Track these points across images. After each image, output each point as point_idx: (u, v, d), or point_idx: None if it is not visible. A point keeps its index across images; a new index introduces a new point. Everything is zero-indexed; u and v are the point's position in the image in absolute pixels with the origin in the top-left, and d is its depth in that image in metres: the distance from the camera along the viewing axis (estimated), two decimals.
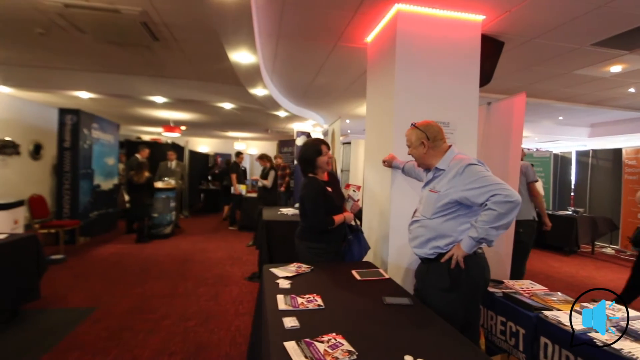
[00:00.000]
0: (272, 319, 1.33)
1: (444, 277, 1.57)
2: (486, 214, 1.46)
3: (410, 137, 1.77)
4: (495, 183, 1.47)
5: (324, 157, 2.20)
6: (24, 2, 2.92)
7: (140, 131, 11.82)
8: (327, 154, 2.21)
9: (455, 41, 2.45)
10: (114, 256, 4.68)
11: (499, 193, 1.44)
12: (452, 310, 1.53)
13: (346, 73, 4.57)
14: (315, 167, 2.21)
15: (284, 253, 3.40)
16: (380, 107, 2.67)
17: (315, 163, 2.20)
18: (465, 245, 1.52)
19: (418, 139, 1.72)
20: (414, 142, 1.74)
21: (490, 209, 1.44)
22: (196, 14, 3.03)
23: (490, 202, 1.45)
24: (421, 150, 1.72)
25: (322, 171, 2.25)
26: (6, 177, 6.07)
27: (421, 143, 1.71)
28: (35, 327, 2.62)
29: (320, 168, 2.22)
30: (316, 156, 2.19)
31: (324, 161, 2.20)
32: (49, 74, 5.12)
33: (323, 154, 2.20)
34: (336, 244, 2.22)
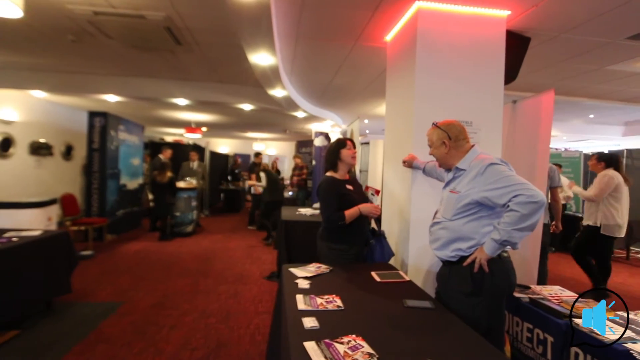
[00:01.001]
0: (292, 318, 1.34)
1: (466, 281, 1.52)
2: (509, 215, 1.41)
3: (431, 136, 1.73)
4: (519, 183, 1.41)
5: (348, 150, 2.19)
6: (57, 11, 3.08)
7: (163, 132, 12.20)
8: (351, 148, 2.20)
9: (479, 38, 2.38)
10: (138, 253, 4.85)
11: (522, 193, 1.38)
12: (475, 315, 1.48)
13: (365, 73, 4.54)
14: (339, 158, 2.20)
15: (303, 253, 3.42)
16: (400, 107, 2.64)
17: (339, 155, 2.19)
18: (488, 248, 1.47)
19: (439, 139, 1.68)
20: (435, 141, 1.70)
21: (513, 210, 1.39)
22: (217, 17, 3.09)
23: (513, 202, 1.40)
24: (442, 150, 1.68)
25: (345, 166, 2.23)
26: (41, 177, 6.41)
27: (442, 143, 1.67)
28: (66, 319, 2.76)
29: (343, 162, 2.20)
30: (340, 148, 2.20)
31: (348, 154, 2.19)
32: (79, 78, 5.37)
33: (347, 147, 2.20)
34: (358, 246, 2.19)
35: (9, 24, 3.33)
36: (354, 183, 2.31)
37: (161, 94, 5.60)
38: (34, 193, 5.97)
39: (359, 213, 2.09)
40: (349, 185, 2.21)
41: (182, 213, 6.04)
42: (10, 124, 5.69)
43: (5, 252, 2.38)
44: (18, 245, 2.50)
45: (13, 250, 2.45)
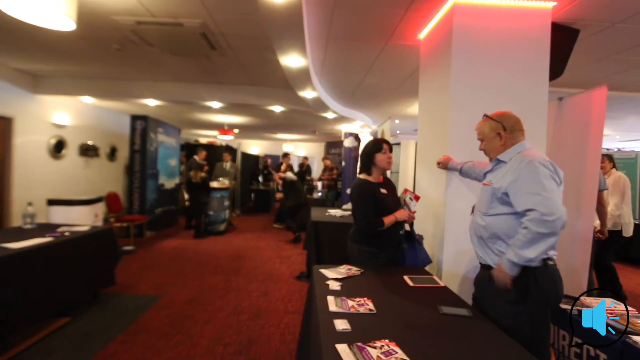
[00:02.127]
0: (323, 320, 1.33)
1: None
2: (522, 234, 1.31)
3: (482, 129, 1.62)
4: (540, 194, 1.29)
5: (383, 154, 2.13)
6: (104, 23, 3.30)
7: (198, 134, 12.71)
8: (387, 152, 2.15)
9: (521, 32, 2.25)
10: (175, 250, 5.07)
11: (536, 209, 1.27)
12: (518, 325, 1.39)
13: (397, 72, 4.45)
14: (373, 163, 2.15)
15: (332, 254, 3.42)
16: (434, 106, 2.55)
17: (373, 159, 2.15)
18: (508, 268, 1.36)
19: (493, 130, 1.56)
20: (488, 134, 1.58)
21: (526, 228, 1.29)
22: (250, 21, 3.16)
23: (526, 218, 1.30)
24: (497, 143, 1.56)
25: (379, 170, 2.18)
26: (88, 177, 6.91)
27: (497, 134, 1.55)
28: (111, 309, 2.94)
29: (377, 166, 2.15)
30: (375, 152, 2.14)
31: (383, 159, 2.13)
32: (123, 84, 5.73)
33: (383, 151, 2.13)
34: (390, 249, 2.14)
35: (63, 37, 3.62)
36: (388, 186, 2.25)
37: (196, 97, 5.84)
38: (83, 191, 6.45)
39: (395, 220, 2.06)
40: (383, 189, 2.16)
41: (215, 212, 6.25)
42: (63, 128, 6.19)
43: (59, 245, 2.59)
44: (70, 239, 2.71)
45: (65, 244, 2.66)
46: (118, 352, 2.29)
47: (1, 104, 4.98)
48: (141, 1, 2.88)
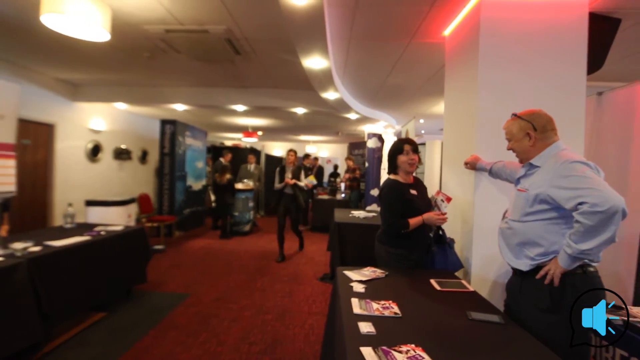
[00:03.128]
0: (348, 322, 1.33)
1: (543, 295, 1.36)
2: (575, 227, 1.24)
3: (510, 128, 1.54)
4: (588, 187, 1.21)
5: (404, 156, 2.10)
6: (136, 32, 3.46)
7: (223, 137, 13.04)
8: (409, 153, 2.10)
9: (555, 24, 2.14)
10: (202, 249, 5.23)
11: (586, 201, 1.19)
12: (553, 334, 1.32)
13: (421, 70, 4.36)
14: (396, 166, 2.14)
15: (356, 256, 3.39)
16: (460, 104, 2.48)
17: (395, 162, 2.13)
18: (562, 260, 1.30)
19: (522, 130, 1.49)
20: (517, 134, 1.51)
21: (578, 222, 1.22)
22: (273, 25, 3.21)
23: (578, 212, 1.22)
24: (526, 143, 1.48)
25: (404, 172, 2.14)
26: (122, 179, 7.27)
27: (526, 134, 1.48)
28: (143, 306, 3.08)
29: (400, 168, 2.13)
30: (397, 154, 2.12)
31: (404, 161, 2.10)
32: (153, 91, 5.99)
33: (404, 152, 2.10)
34: (418, 252, 2.09)
35: (99, 47, 3.84)
36: (419, 187, 2.20)
37: (222, 101, 6.00)
38: (117, 193, 6.80)
39: (422, 222, 2.01)
40: (413, 190, 2.11)
41: (240, 213, 6.39)
42: (99, 133, 6.55)
43: (96, 243, 2.74)
44: (106, 238, 2.86)
45: (102, 242, 2.81)
46: (150, 347, 2.39)
47: (44, 111, 5.35)
48: (170, 10, 3.00)
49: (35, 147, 5.24)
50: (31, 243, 2.35)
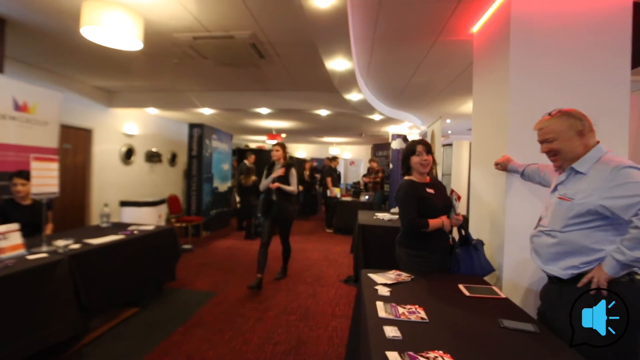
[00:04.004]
0: (373, 326, 1.31)
1: (586, 305, 1.27)
2: (632, 233, 1.16)
3: (553, 127, 1.40)
4: None
5: (416, 157, 2.08)
6: (166, 40, 3.61)
7: (248, 140, 13.32)
8: (421, 154, 2.07)
9: (594, 16, 2.02)
10: (228, 249, 5.35)
11: None
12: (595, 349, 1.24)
13: (447, 69, 4.25)
14: (409, 167, 2.13)
15: (380, 258, 3.35)
16: (490, 103, 2.39)
17: (408, 163, 2.12)
18: (609, 267, 1.22)
19: (572, 128, 1.36)
20: (565, 132, 1.37)
21: (636, 228, 1.14)
22: (296, 28, 3.24)
23: (637, 217, 1.14)
24: (576, 143, 1.35)
25: (418, 173, 2.12)
26: (153, 180, 7.59)
27: (578, 132, 1.35)
28: (173, 303, 3.19)
29: (413, 169, 2.12)
30: (409, 155, 2.11)
31: (417, 162, 2.08)
32: (181, 96, 6.21)
33: (416, 154, 2.08)
34: (440, 254, 2.04)
35: (132, 56, 4.04)
36: (436, 186, 2.16)
37: (247, 104, 6.13)
38: (148, 194, 7.10)
39: (442, 225, 1.99)
40: (430, 189, 2.08)
41: None
42: (132, 137, 6.88)
43: (129, 242, 2.87)
44: (138, 237, 2.99)
45: (135, 241, 2.94)
46: (179, 343, 2.47)
47: (83, 117, 5.69)
48: (198, 18, 3.11)
49: (75, 151, 5.58)
50: (72, 241, 2.50)
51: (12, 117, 3.35)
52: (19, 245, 2.21)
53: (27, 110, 3.49)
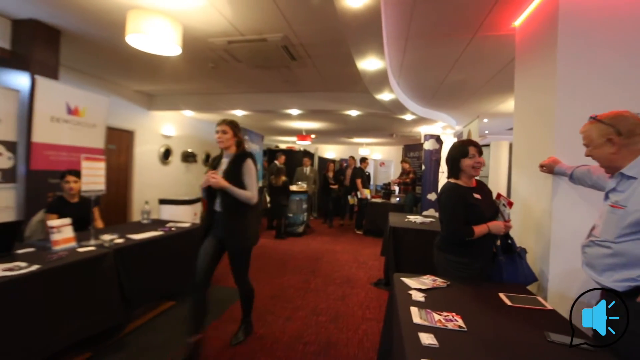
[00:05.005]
0: (407, 332, 1.27)
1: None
2: None
3: (589, 133, 1.39)
4: None
5: (469, 159, 1.94)
6: (202, 45, 3.75)
7: (278, 140, 13.54)
8: (475, 157, 1.94)
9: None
10: (259, 248, 5.45)
11: None
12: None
13: (486, 66, 4.07)
14: (459, 169, 1.98)
15: (412, 262, 3.26)
16: (535, 101, 2.25)
17: (459, 165, 1.97)
18: None
19: (602, 136, 1.33)
20: (596, 139, 1.36)
21: None
22: (328, 29, 3.24)
23: None
24: (607, 150, 1.33)
25: (467, 176, 1.99)
26: (188, 180, 7.92)
27: (608, 140, 1.32)
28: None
29: (464, 172, 1.98)
30: (461, 157, 1.96)
31: (469, 165, 1.94)
32: (215, 98, 6.43)
33: (469, 156, 1.94)
34: (483, 261, 1.93)
35: (170, 61, 4.24)
36: (483, 190, 2.03)
37: (278, 106, 6.23)
38: (184, 192, 7.41)
39: (487, 231, 1.86)
40: (477, 194, 1.95)
41: (295, 214, 6.55)
42: (170, 138, 7.22)
43: (167, 238, 3.01)
44: (176, 234, 3.12)
45: (173, 237, 3.07)
46: (212, 338, 2.55)
47: (126, 120, 6.06)
48: (232, 23, 3.20)
49: (119, 152, 5.95)
50: (116, 235, 2.66)
51: (65, 120, 3.63)
52: (70, 239, 2.39)
53: (78, 113, 3.77)
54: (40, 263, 1.96)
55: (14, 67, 3.42)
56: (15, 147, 3.35)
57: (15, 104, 3.34)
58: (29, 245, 2.39)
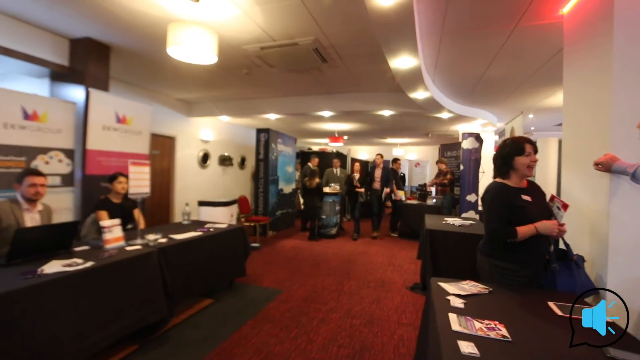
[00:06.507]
0: (445, 339, 1.21)
1: None
2: None
3: None
4: None
5: (525, 157, 1.79)
6: (236, 52, 3.88)
7: (310, 143, 13.65)
8: (531, 154, 1.79)
9: None
10: (293, 249, 5.52)
11: None
12: None
13: (530, 58, 3.81)
14: (511, 167, 1.83)
15: (450, 266, 3.13)
16: (588, 93, 2.06)
17: (511, 163, 1.82)
18: None
19: None
20: None
21: None
22: (359, 29, 3.21)
23: None
24: None
25: (519, 176, 1.84)
26: (225, 182, 8.22)
27: None
28: (243, 297, 3.39)
29: (517, 171, 1.82)
30: (515, 154, 1.81)
31: (524, 163, 1.79)
32: (249, 103, 6.63)
33: (525, 153, 1.79)
34: (534, 267, 1.77)
35: (207, 69, 4.43)
36: (535, 192, 1.87)
37: (310, 108, 6.28)
38: (221, 194, 7.71)
39: (535, 232, 1.70)
40: (526, 196, 1.80)
41: (328, 216, 6.55)
42: (208, 143, 7.55)
43: (206, 238, 3.13)
44: (214, 234, 3.25)
45: (211, 238, 3.20)
46: (249, 336, 2.61)
47: (168, 126, 6.42)
48: (265, 29, 3.27)
49: (162, 156, 6.32)
50: (160, 235, 2.82)
51: (115, 128, 3.92)
52: (120, 238, 2.57)
53: (125, 122, 4.05)
54: (94, 260, 2.13)
55: (72, 82, 3.76)
56: (73, 154, 3.67)
57: (72, 115, 3.67)
58: (84, 243, 2.60)
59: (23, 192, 2.46)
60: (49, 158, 3.47)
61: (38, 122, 3.38)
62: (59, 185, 3.55)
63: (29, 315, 1.66)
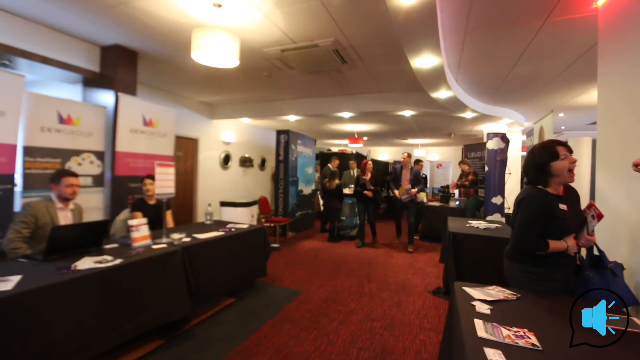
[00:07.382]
0: (471, 346, 1.17)
1: None
2: None
3: None
4: None
5: (563, 161, 1.64)
6: (257, 55, 3.94)
7: (330, 144, 13.65)
8: (567, 157, 1.65)
9: None
10: (312, 250, 5.53)
11: None
12: None
13: (560, 54, 3.64)
14: (550, 175, 1.68)
15: (475, 271, 3.04)
16: (625, 91, 1.94)
17: (549, 170, 1.67)
18: None
19: None
20: None
21: None
22: (379, 29, 3.18)
23: None
24: None
25: (559, 183, 1.70)
26: (246, 183, 8.36)
27: None
28: (264, 297, 3.42)
29: (556, 177, 1.68)
30: (549, 160, 1.67)
31: (563, 167, 1.64)
32: (270, 105, 6.71)
33: (560, 157, 1.65)
34: (566, 272, 1.68)
35: (229, 72, 4.52)
36: (570, 198, 1.75)
37: (330, 109, 6.28)
38: (242, 195, 7.84)
39: (565, 249, 1.63)
40: (563, 204, 1.68)
41: (348, 217, 6.52)
42: (229, 144, 7.70)
43: (228, 238, 3.19)
44: (235, 234, 3.31)
45: (233, 238, 3.26)
46: (269, 335, 2.63)
47: (191, 129, 6.61)
48: (285, 32, 3.31)
49: (186, 158, 6.51)
50: (184, 234, 2.90)
51: (142, 131, 4.07)
52: (146, 236, 2.66)
53: (151, 125, 4.21)
54: (123, 257, 2.21)
55: (102, 87, 3.95)
56: (103, 156, 3.85)
57: (103, 118, 3.85)
58: (114, 241, 2.71)
59: (61, 191, 2.59)
60: (82, 160, 3.66)
61: (72, 126, 3.56)
62: (90, 185, 3.73)
63: (64, 306, 1.76)
